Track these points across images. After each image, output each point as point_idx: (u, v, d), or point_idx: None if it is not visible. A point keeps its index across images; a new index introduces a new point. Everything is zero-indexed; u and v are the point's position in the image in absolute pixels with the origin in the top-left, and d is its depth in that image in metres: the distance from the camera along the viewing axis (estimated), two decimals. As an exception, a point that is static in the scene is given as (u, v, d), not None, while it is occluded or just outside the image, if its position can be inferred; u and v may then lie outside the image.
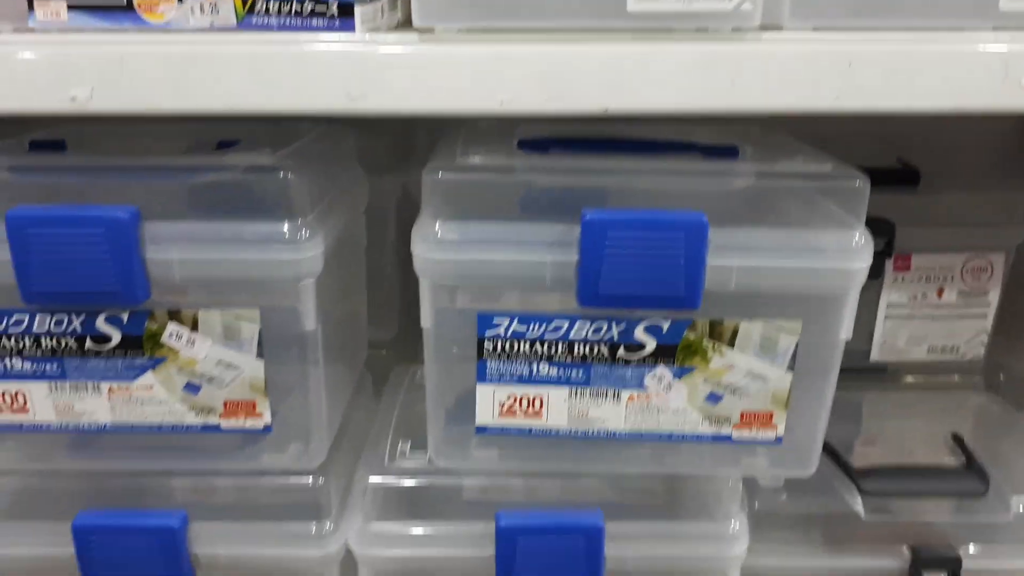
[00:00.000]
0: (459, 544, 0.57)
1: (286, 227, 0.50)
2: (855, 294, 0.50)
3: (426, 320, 0.52)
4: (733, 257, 0.48)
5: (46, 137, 0.60)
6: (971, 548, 0.59)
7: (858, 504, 0.59)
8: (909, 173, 0.73)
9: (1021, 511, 0.59)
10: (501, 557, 0.55)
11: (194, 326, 0.52)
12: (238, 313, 0.51)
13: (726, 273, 0.49)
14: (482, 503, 0.58)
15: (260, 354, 0.53)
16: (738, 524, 0.57)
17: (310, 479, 0.57)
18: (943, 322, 0.73)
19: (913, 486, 0.61)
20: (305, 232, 0.50)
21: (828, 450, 0.63)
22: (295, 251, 0.50)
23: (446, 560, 0.57)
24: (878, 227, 0.51)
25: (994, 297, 0.72)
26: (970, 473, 0.62)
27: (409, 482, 0.58)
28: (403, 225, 0.73)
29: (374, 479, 0.57)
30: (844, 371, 0.54)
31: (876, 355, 0.74)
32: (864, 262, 0.49)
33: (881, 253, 0.70)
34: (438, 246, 0.49)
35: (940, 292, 0.72)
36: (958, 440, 0.66)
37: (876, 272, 0.70)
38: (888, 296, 0.72)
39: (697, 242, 0.47)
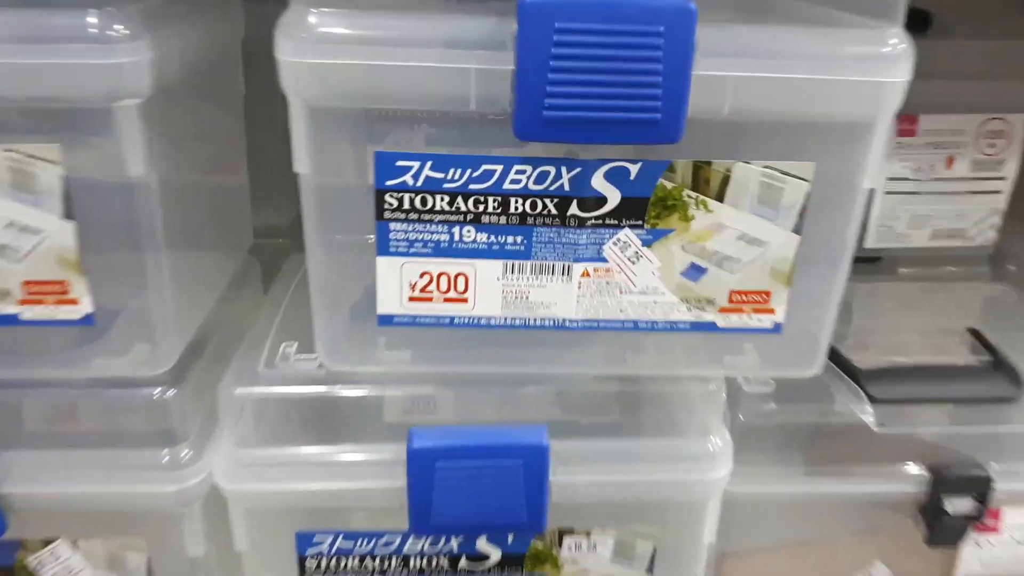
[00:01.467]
0: (359, 472, 0.43)
1: (91, 20, 0.34)
2: (886, 121, 0.37)
3: (301, 163, 0.37)
4: (728, 65, 0.35)
5: None
6: (997, 466, 0.48)
7: (866, 414, 0.47)
8: (918, 16, 0.59)
9: (1062, 417, 0.48)
10: (415, 488, 0.42)
11: (-33, 173, 0.36)
12: (32, 151, 0.36)
13: (719, 87, 0.35)
14: (392, 420, 0.44)
15: (68, 213, 0.37)
16: (719, 441, 0.45)
17: (157, 390, 0.42)
18: (951, 199, 0.61)
19: (932, 390, 0.49)
20: (119, 29, 0.34)
21: (825, 349, 0.51)
22: (106, 54, 0.34)
23: (342, 493, 0.43)
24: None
25: (1011, 168, 0.61)
26: (997, 372, 0.50)
27: (292, 393, 0.43)
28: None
29: (243, 390, 0.43)
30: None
31: (871, 241, 0.62)
32: (903, 74, 0.36)
33: (885, 113, 0.57)
34: (314, 45, 0.34)
35: (950, 162, 0.60)
36: (976, 335, 0.54)
37: (877, 138, 0.57)
38: (889, 167, 0.59)
39: (683, 33, 0.33)
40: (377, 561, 0.46)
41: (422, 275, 0.39)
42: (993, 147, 0.60)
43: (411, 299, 0.40)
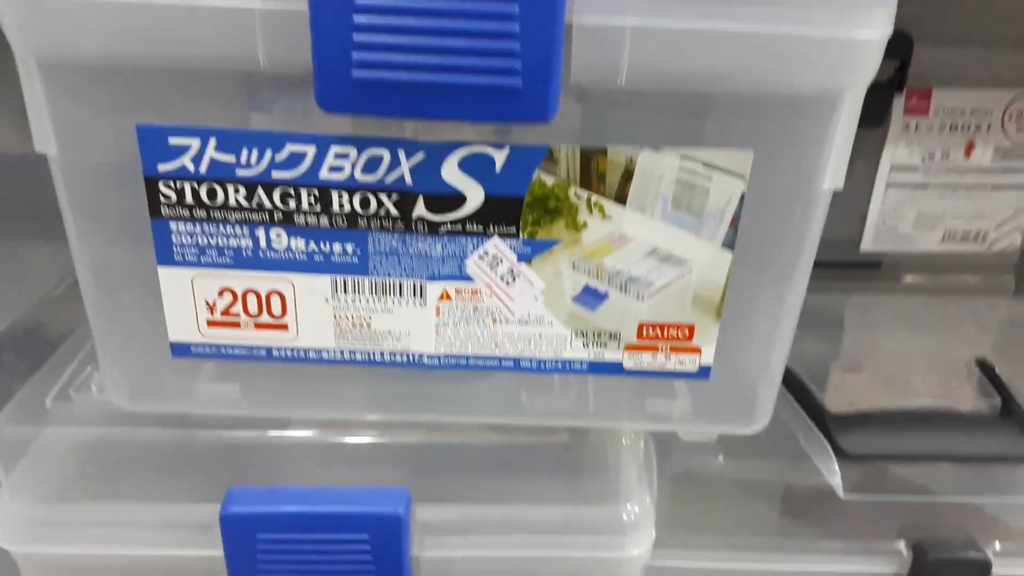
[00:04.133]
0: (167, 539, 0.34)
1: None
2: (855, 95, 0.26)
3: (45, 141, 0.27)
4: (624, 7, 0.24)
5: None
6: (1000, 545, 0.37)
7: (835, 474, 0.37)
8: (934, -34, 0.48)
9: (1090, 485, 0.37)
10: (234, 562, 0.32)
11: None
12: None
13: (611, 41, 0.24)
14: (212, 471, 0.35)
15: None
16: (637, 508, 0.35)
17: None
18: (970, 195, 0.50)
19: (919, 444, 0.38)
20: None
21: (790, 383, 0.40)
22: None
23: (148, 561, 0.34)
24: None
25: (1046, 159, 0.49)
26: (1007, 422, 0.40)
27: (85, 436, 0.34)
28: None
29: (17, 429, 0.33)
30: (820, 266, 0.31)
31: (869, 243, 0.51)
32: (881, 26, 0.25)
33: (887, 85, 0.46)
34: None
35: (969, 148, 0.48)
36: (986, 369, 0.43)
37: (877, 116, 0.46)
38: (893, 154, 0.48)
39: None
40: (204, 641, 0.36)
41: (221, 292, 0.29)
42: (1023, 131, 0.48)
43: (211, 323, 0.30)
